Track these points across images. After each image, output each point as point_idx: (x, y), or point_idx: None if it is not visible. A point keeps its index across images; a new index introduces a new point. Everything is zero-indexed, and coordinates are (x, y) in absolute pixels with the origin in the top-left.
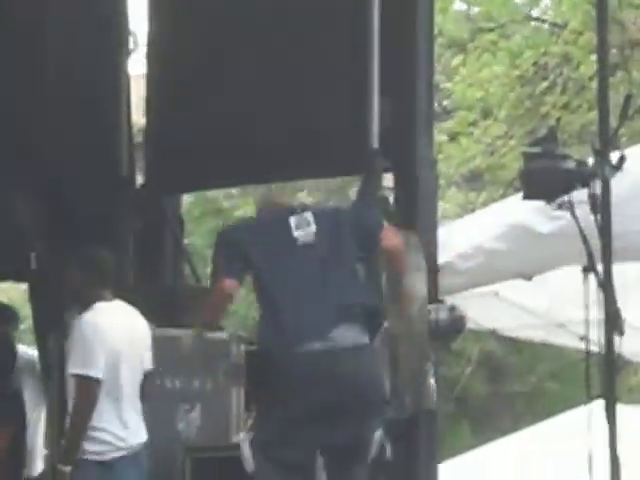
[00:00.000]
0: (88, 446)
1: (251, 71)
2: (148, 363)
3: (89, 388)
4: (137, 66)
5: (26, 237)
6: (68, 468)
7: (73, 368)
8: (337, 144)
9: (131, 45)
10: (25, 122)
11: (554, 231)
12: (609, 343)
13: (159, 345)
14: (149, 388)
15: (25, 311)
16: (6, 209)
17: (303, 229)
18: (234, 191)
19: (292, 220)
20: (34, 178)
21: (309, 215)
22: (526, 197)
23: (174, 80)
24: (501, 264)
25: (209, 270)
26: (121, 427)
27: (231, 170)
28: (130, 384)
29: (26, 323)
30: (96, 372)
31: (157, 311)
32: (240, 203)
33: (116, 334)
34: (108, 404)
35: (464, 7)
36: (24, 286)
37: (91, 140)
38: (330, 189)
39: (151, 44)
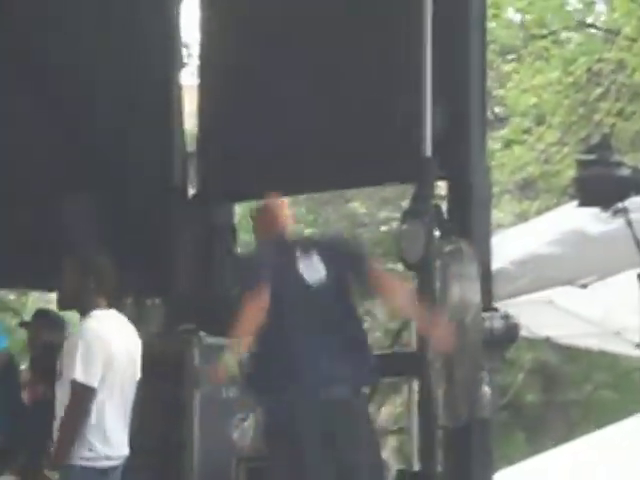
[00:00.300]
0: (81, 452)
1: (303, 79)
2: (139, 373)
3: (85, 396)
4: (190, 77)
5: (78, 246)
6: (55, 474)
7: (73, 374)
8: (390, 152)
9: (184, 56)
10: (81, 129)
11: (608, 237)
12: None
13: (213, 355)
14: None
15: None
16: (61, 223)
17: (312, 274)
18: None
19: (301, 265)
20: (88, 188)
21: (316, 258)
22: (581, 204)
23: (226, 90)
24: (555, 271)
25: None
26: (102, 438)
27: (283, 179)
28: (120, 394)
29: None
30: (94, 381)
31: (209, 320)
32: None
33: (115, 343)
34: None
35: (517, 14)
36: None
37: (144, 149)
38: (383, 198)
39: (203, 54)
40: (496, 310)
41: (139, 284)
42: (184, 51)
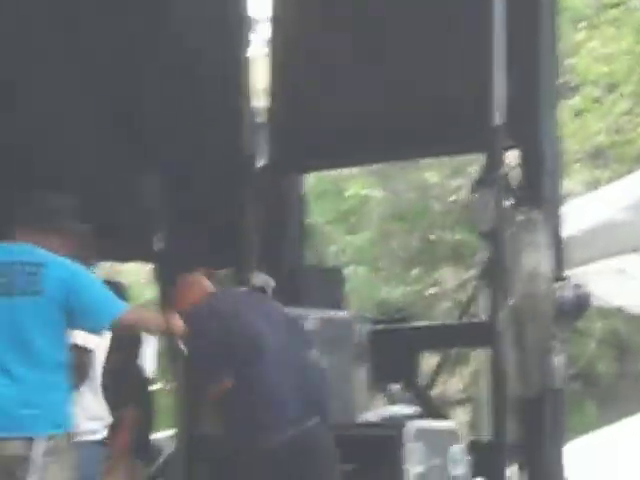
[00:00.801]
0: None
1: (373, 49)
2: None
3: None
4: (260, 49)
5: (151, 218)
6: None
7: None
8: (461, 122)
9: (255, 28)
10: (151, 106)
11: None
12: None
13: None
14: None
15: (148, 292)
16: (133, 191)
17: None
18: (354, 171)
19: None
20: (160, 160)
21: None
22: None
23: (297, 62)
24: (627, 238)
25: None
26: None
27: (354, 150)
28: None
29: (148, 304)
30: None
31: (280, 290)
32: (360, 183)
33: None
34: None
35: None
36: (149, 267)
37: (214, 122)
38: (453, 167)
39: (274, 26)
40: (567, 279)
41: (210, 256)
42: (255, 22)
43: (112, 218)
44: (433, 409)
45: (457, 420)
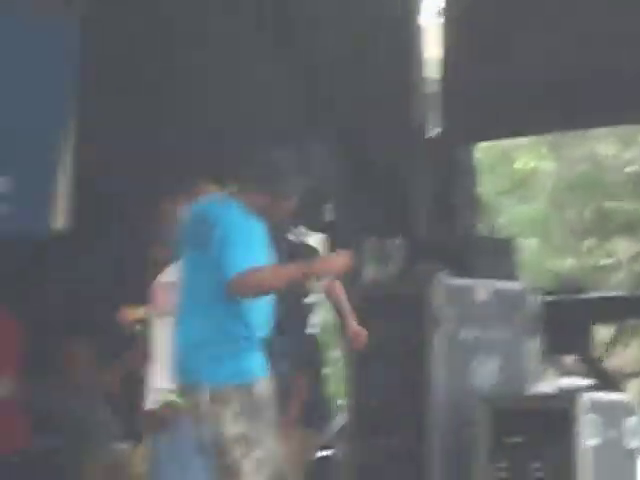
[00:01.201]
0: None
1: (550, 18)
2: None
3: None
4: (433, 18)
5: (322, 188)
6: None
7: None
8: (633, 91)
9: None
10: (319, 75)
11: None
12: None
13: (453, 295)
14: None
15: None
16: (305, 160)
17: None
18: (524, 140)
19: None
20: (333, 130)
21: None
22: None
23: (468, 31)
24: None
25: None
26: None
27: (523, 119)
28: None
29: None
30: None
31: (451, 261)
32: (530, 153)
33: None
34: None
35: None
36: (320, 237)
37: (386, 92)
38: (627, 138)
39: None
40: None
41: (380, 224)
42: None
43: (284, 187)
44: (607, 381)
45: (632, 392)
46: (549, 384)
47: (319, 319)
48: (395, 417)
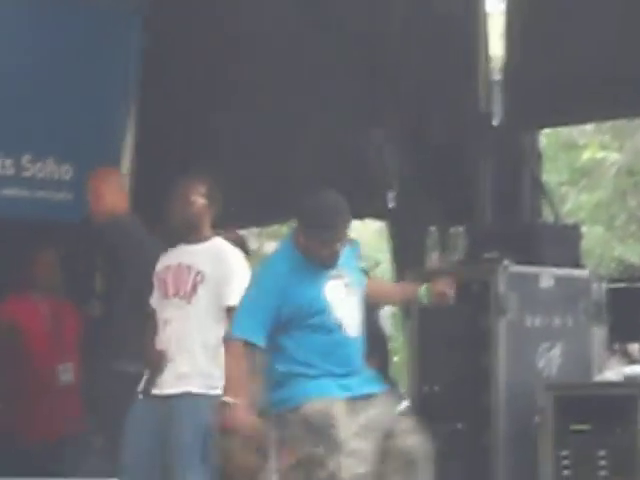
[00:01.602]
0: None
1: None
2: None
3: None
4: (496, 4)
5: (385, 176)
6: None
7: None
8: None
9: None
10: (383, 62)
11: None
12: None
13: (518, 283)
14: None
15: (378, 252)
16: (366, 148)
17: None
18: (588, 127)
19: None
20: (395, 116)
21: None
22: None
23: (532, 17)
24: None
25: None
26: None
27: (589, 106)
28: None
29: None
30: None
31: (515, 247)
32: (592, 139)
33: None
34: None
35: None
36: (378, 225)
37: (450, 78)
38: None
39: None
40: None
41: (443, 212)
42: None
43: (346, 174)
44: None
45: None
46: (614, 371)
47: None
48: (460, 404)
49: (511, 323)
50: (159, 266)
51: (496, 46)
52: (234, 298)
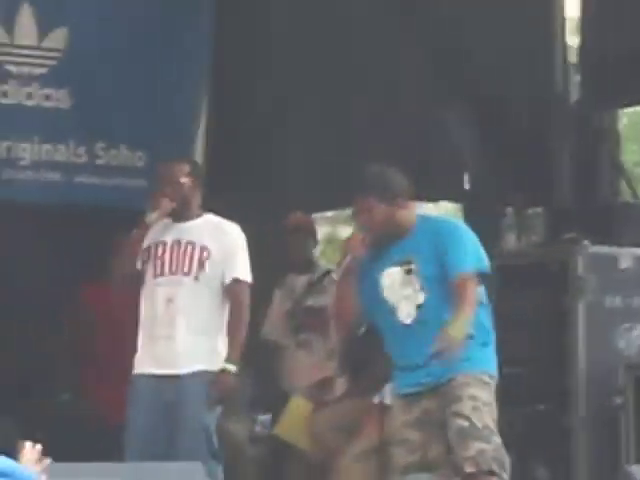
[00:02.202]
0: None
1: None
2: None
3: None
4: None
5: (461, 157)
6: None
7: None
8: None
9: None
10: (461, 43)
11: None
12: None
13: (597, 263)
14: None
15: None
16: (443, 130)
17: None
18: None
19: None
20: (474, 98)
21: None
22: None
23: None
24: None
25: None
26: None
27: None
28: None
29: None
30: None
31: (593, 228)
32: None
33: None
34: None
35: None
36: (453, 207)
37: (526, 59)
38: None
39: None
40: None
41: (521, 193)
42: None
43: (424, 156)
44: None
45: None
46: None
47: None
48: (540, 386)
49: (590, 304)
50: (147, 242)
51: (572, 26)
52: (240, 270)
